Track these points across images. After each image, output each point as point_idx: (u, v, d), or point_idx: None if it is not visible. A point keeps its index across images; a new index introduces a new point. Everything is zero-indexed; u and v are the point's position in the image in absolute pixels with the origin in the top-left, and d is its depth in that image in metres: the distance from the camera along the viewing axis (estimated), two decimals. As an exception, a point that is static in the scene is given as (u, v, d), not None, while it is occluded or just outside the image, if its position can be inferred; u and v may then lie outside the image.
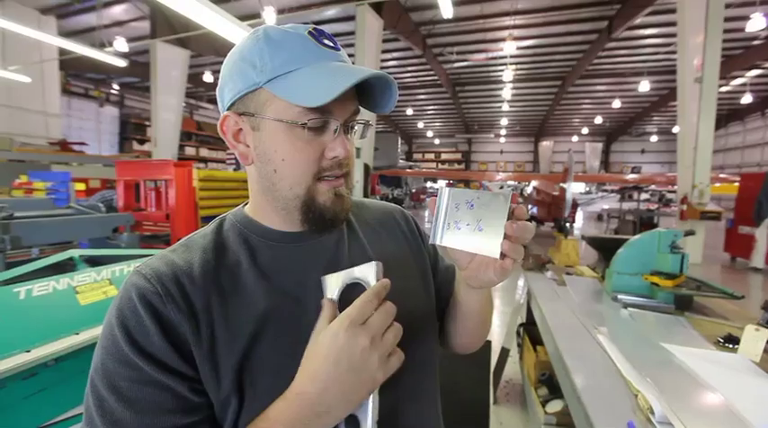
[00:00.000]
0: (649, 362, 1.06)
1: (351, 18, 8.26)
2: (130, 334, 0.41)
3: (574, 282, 2.01)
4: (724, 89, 13.42)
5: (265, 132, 0.47)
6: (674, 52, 6.86)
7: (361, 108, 0.51)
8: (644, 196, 12.61)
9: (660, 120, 20.30)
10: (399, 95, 0.50)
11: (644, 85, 12.03)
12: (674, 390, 0.90)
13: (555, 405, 1.67)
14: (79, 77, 14.28)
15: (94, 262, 1.71)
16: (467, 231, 0.46)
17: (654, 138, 22.98)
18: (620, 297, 1.67)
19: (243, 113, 0.48)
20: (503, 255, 0.44)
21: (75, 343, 1.24)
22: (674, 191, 9.73)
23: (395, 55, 12.10)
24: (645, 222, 9.22)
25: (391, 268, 0.47)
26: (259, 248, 0.50)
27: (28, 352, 1.14)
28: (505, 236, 0.44)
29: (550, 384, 1.87)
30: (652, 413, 0.81)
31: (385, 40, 8.88)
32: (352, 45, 8.16)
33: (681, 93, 6.36)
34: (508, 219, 0.44)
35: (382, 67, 12.16)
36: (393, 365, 0.41)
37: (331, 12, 8.94)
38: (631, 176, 14.30)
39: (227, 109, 0.50)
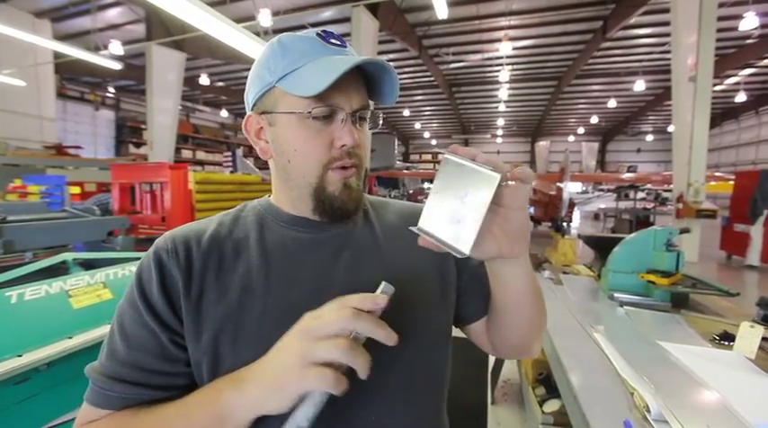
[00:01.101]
0: (646, 360, 1.05)
1: (347, 20, 8.26)
2: (141, 282, 0.49)
3: (570, 281, 2.01)
4: (718, 88, 13.51)
5: (279, 126, 0.52)
6: (668, 52, 6.92)
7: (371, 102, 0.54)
8: (640, 195, 12.66)
9: (655, 120, 20.42)
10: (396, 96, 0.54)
11: (639, 85, 12.09)
12: (670, 388, 0.90)
13: (552, 405, 1.67)
14: (74, 81, 14.21)
15: (88, 265, 1.70)
16: (445, 215, 0.39)
17: (649, 138, 23.10)
18: (616, 295, 1.67)
19: (262, 112, 0.53)
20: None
21: (67, 348, 1.22)
22: (669, 190, 9.78)
23: (391, 56, 12.10)
24: (641, 221, 9.26)
25: (405, 271, 0.54)
26: (270, 227, 0.55)
27: (20, 356, 1.13)
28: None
29: (548, 383, 1.86)
30: (648, 411, 0.81)
31: (381, 42, 8.88)
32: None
33: (675, 93, 6.39)
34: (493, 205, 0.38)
35: (378, 69, 12.14)
36: (320, 377, 0.35)
37: (327, 13, 8.95)
38: (627, 175, 14.36)
39: (251, 110, 0.55)
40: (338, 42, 0.52)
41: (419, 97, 17.17)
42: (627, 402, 0.88)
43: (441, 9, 5.48)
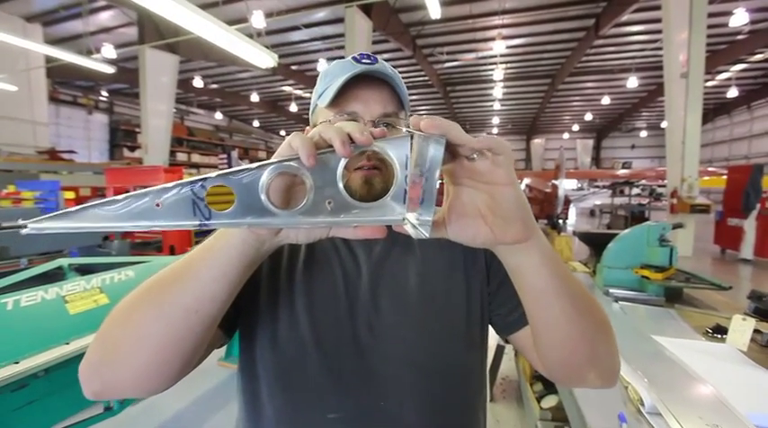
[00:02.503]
0: (640, 355, 1.07)
1: (340, 20, 8.26)
2: None
3: (566, 278, 2.03)
4: (710, 84, 13.62)
5: None
6: (660, 48, 6.95)
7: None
8: (635, 191, 12.75)
9: (649, 116, 20.55)
10: None
11: (632, 82, 12.17)
12: (664, 381, 0.91)
13: (550, 401, 1.68)
14: (67, 85, 14.10)
15: (85, 270, 1.69)
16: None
17: (643, 134, 23.26)
18: (611, 291, 1.68)
19: (313, 126, 0.60)
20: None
21: (65, 353, 1.22)
22: (664, 186, 9.85)
23: (385, 56, 12.09)
24: (636, 216, 9.33)
25: (431, 269, 0.57)
26: None
27: (17, 363, 1.12)
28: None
29: (545, 380, 1.88)
30: (642, 404, 0.82)
31: (375, 42, 8.89)
32: (342, 47, 8.17)
33: (668, 89, 6.45)
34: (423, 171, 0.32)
35: (373, 69, 12.16)
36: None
37: (320, 14, 8.94)
38: (622, 172, 14.46)
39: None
40: (368, 61, 0.57)
41: (414, 97, 17.18)
42: (621, 396, 0.89)
43: (434, 9, 5.50)
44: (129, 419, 2.00)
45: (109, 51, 7.68)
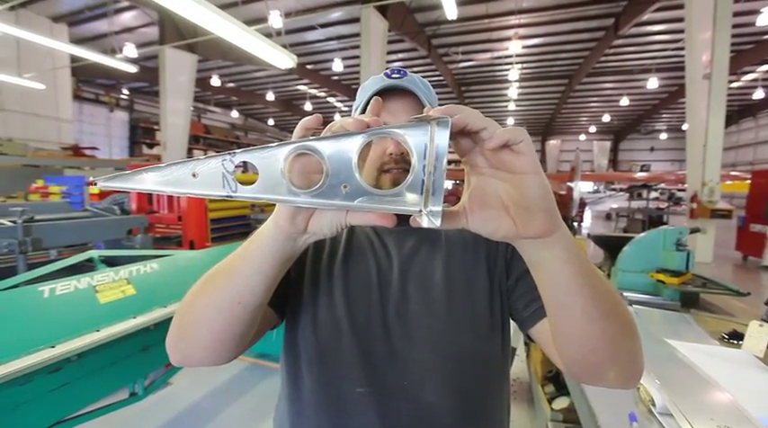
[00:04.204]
0: (653, 357, 1.08)
1: (356, 20, 8.31)
2: None
3: (580, 280, 2.02)
4: (735, 85, 13.21)
5: None
6: (682, 48, 6.78)
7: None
8: (653, 194, 12.46)
9: (670, 118, 20.04)
10: None
11: (652, 82, 11.90)
12: (675, 383, 0.92)
13: (561, 402, 1.69)
14: (90, 83, 14.55)
15: (112, 262, 1.77)
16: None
17: (663, 136, 22.69)
18: (625, 294, 1.68)
19: None
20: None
21: (96, 340, 1.29)
22: (684, 190, 9.59)
23: (400, 56, 12.12)
24: (654, 221, 9.13)
25: (456, 265, 0.61)
26: None
27: (53, 347, 1.20)
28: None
29: (557, 381, 1.88)
30: (653, 404, 0.83)
31: (390, 42, 8.90)
32: (357, 47, 8.21)
33: (690, 90, 6.29)
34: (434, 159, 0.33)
35: (387, 68, 12.17)
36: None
37: (336, 14, 9.01)
38: (640, 174, 14.14)
39: None
40: (397, 75, 0.63)
41: (428, 96, 17.15)
42: (633, 396, 0.90)
43: (450, 9, 5.49)
44: (151, 405, 2.08)
45: (131, 51, 7.89)
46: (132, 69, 7.56)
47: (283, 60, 5.29)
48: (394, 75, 0.63)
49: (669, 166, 21.76)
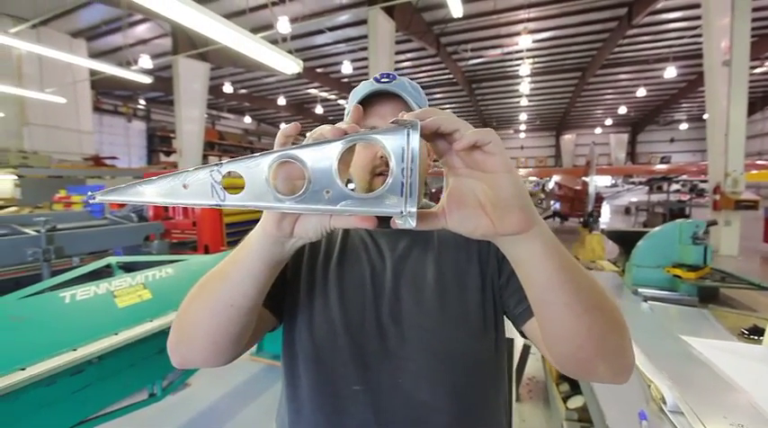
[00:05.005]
0: (666, 354, 1.05)
1: (363, 22, 8.35)
2: None
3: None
4: (758, 71, 12.68)
5: None
6: (700, 35, 6.56)
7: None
8: (674, 187, 12.08)
9: (690, 107, 19.40)
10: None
11: (670, 72, 11.52)
12: (688, 380, 0.90)
13: (576, 401, 1.66)
14: (109, 95, 15.05)
15: (129, 268, 1.83)
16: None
17: (684, 126, 21.97)
18: (640, 290, 1.64)
19: None
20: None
21: (115, 343, 1.34)
22: (706, 181, 9.24)
23: (408, 56, 12.11)
24: (676, 214, 8.85)
25: (449, 264, 0.62)
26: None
27: (74, 350, 1.25)
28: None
29: (571, 380, 1.85)
30: (664, 402, 0.81)
31: (398, 42, 8.91)
32: (366, 49, 8.24)
33: (708, 78, 6.09)
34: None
35: (396, 69, 12.17)
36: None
37: (343, 17, 9.07)
38: (660, 167, 13.74)
39: None
40: (386, 79, 0.64)
41: (438, 95, 17.07)
42: (644, 394, 0.88)
43: (455, 7, 5.45)
44: (170, 406, 2.15)
45: (146, 62, 8.14)
46: (147, 80, 7.78)
47: (290, 66, 5.36)
48: (383, 80, 0.64)
49: (691, 157, 21.06)
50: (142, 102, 16.39)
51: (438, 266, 0.63)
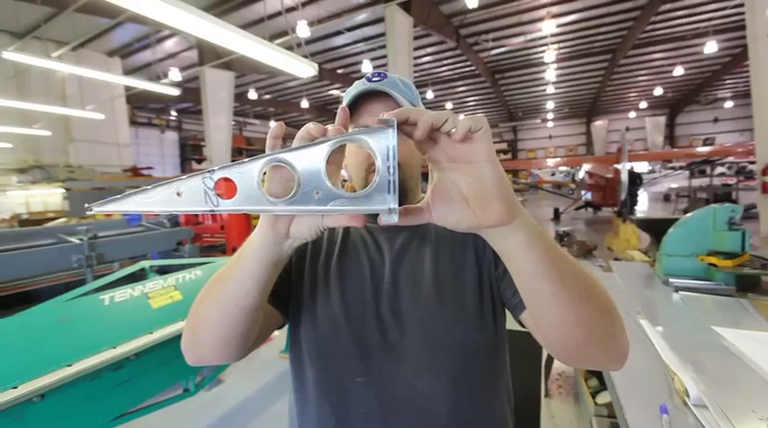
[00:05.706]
0: (694, 346, 1.00)
1: (381, 20, 8.34)
2: None
3: (621, 268, 1.91)
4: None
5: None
6: (742, 5, 6.08)
7: None
8: (719, 170, 11.29)
9: (735, 84, 17.98)
10: (437, 90, 0.68)
11: (710, 47, 10.70)
12: (716, 373, 0.85)
13: (605, 396, 1.61)
14: (143, 108, 15.88)
15: (162, 271, 1.95)
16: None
17: (729, 104, 20.41)
18: (671, 280, 1.57)
19: None
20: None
21: (150, 341, 1.44)
22: (754, 162, 8.55)
23: (428, 50, 11.98)
24: (721, 199, 8.29)
25: (447, 259, 0.62)
26: None
27: (114, 348, 1.36)
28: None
29: (601, 375, 1.79)
30: (687, 395, 0.78)
31: (417, 37, 8.83)
32: (384, 47, 8.23)
33: (753, 50, 5.63)
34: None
35: (416, 65, 12.09)
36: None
37: (361, 16, 9.09)
38: (702, 149, 12.87)
39: None
40: (377, 78, 0.65)
41: (461, 88, 16.76)
42: (668, 388, 0.85)
43: (472, -3, 5.35)
44: (206, 401, 2.27)
45: (175, 74, 8.52)
46: (176, 92, 8.16)
47: (305, 69, 5.46)
48: (374, 79, 0.65)
49: (739, 137, 19.55)
50: (174, 113, 17.20)
51: (435, 260, 0.64)
